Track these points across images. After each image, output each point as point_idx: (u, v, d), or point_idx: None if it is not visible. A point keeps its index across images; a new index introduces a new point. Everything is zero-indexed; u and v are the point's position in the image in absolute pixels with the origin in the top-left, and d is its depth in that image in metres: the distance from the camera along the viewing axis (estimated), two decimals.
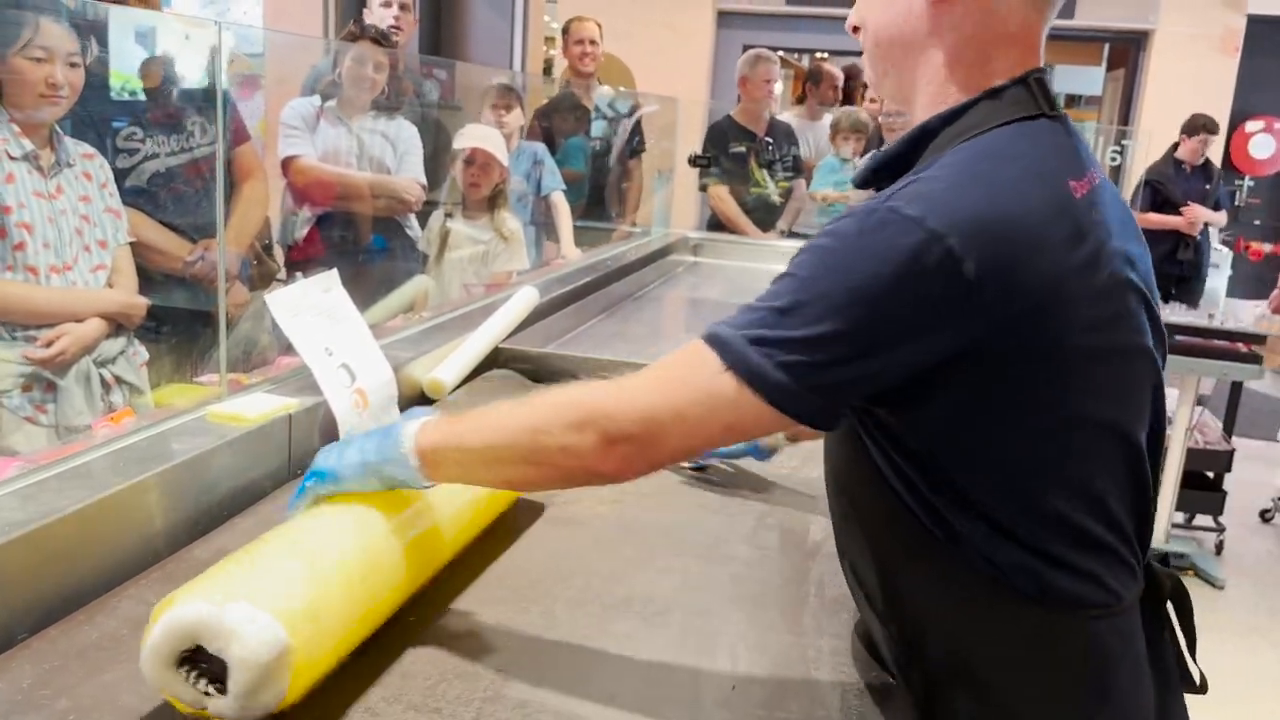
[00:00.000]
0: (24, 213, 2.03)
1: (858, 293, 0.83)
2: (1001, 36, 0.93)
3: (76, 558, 1.10)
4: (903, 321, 0.84)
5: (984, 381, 0.87)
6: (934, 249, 0.81)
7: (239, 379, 1.72)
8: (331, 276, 1.77)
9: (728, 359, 0.87)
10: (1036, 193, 0.86)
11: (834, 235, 0.87)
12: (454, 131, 3.48)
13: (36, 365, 2.02)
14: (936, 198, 0.84)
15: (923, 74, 0.97)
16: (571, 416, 0.92)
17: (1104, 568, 0.94)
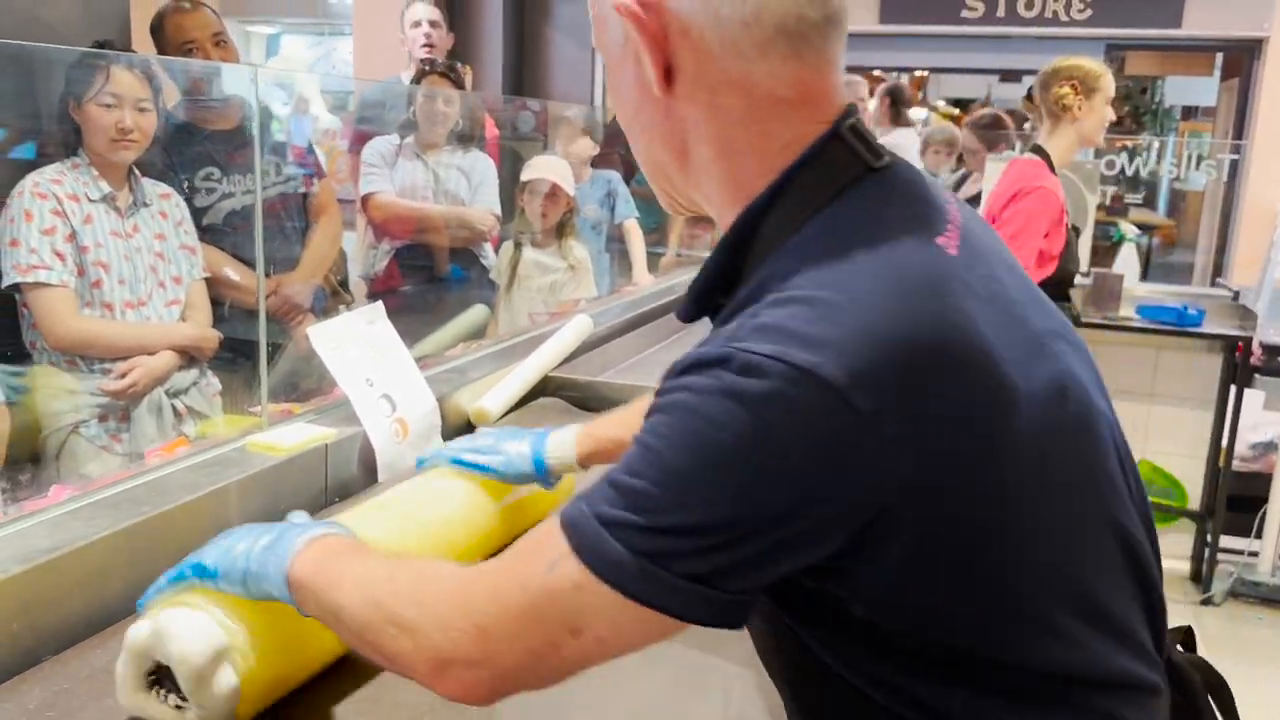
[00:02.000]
0: (101, 251, 2.14)
1: (722, 466, 0.65)
2: (773, 104, 0.75)
3: (100, 584, 1.14)
4: (797, 487, 0.65)
5: (922, 530, 0.68)
6: (815, 392, 0.64)
7: (291, 408, 1.78)
8: (377, 309, 1.82)
9: (578, 546, 0.70)
10: (910, 278, 0.69)
11: (682, 392, 0.68)
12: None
13: (110, 396, 2.11)
14: (792, 326, 0.66)
15: (704, 173, 0.80)
16: (408, 623, 0.76)
17: (1121, 699, 0.75)
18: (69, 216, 2.09)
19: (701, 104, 0.76)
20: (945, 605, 0.71)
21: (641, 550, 0.67)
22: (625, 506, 0.68)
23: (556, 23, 5.17)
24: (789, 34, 0.74)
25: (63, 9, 2.49)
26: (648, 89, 0.77)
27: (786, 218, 0.74)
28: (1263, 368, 3.58)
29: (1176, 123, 11.04)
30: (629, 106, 0.82)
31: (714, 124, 0.77)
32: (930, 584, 0.70)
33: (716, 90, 0.75)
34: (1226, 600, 3.85)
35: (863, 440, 0.64)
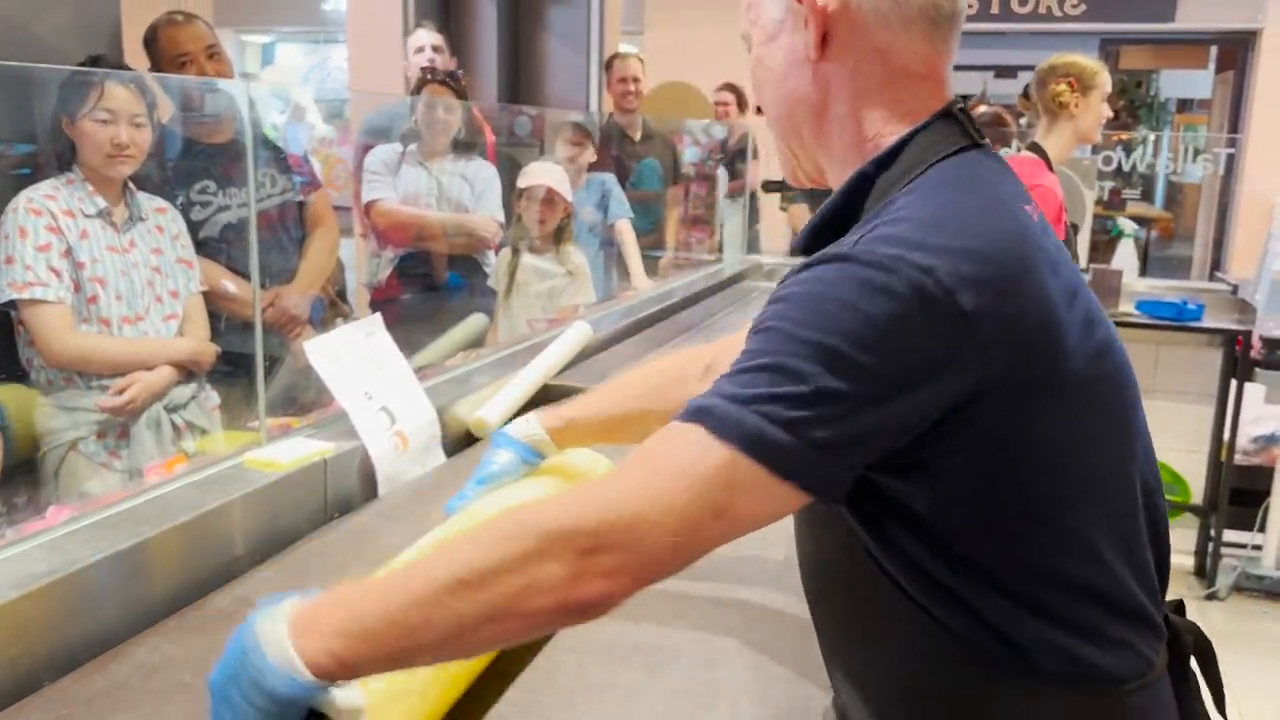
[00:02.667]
0: (97, 267, 2.13)
1: (850, 339, 0.74)
2: (908, 74, 0.89)
3: (99, 607, 1.14)
4: (908, 368, 0.75)
5: (992, 425, 0.79)
6: (924, 285, 0.75)
7: (290, 423, 1.77)
8: (374, 321, 1.82)
9: (716, 427, 0.75)
10: (1005, 221, 0.82)
11: (810, 281, 0.78)
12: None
13: (108, 413, 2.11)
14: (910, 236, 0.77)
15: (835, 132, 0.92)
16: (526, 545, 0.75)
17: (1135, 633, 0.85)
18: (64, 232, 2.09)
19: (848, 67, 0.89)
20: (998, 508, 0.81)
21: (781, 421, 0.74)
22: (760, 384, 0.75)
23: (551, 28, 5.17)
24: (928, 17, 0.88)
25: (55, 23, 2.49)
26: (799, 57, 0.91)
27: (902, 170, 0.86)
28: (1263, 361, 3.57)
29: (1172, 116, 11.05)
30: (776, 76, 0.93)
31: (854, 85, 0.89)
32: (989, 484, 0.80)
33: (862, 56, 0.89)
34: (1231, 594, 3.84)
35: (962, 334, 0.75)
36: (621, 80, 4.51)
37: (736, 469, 0.74)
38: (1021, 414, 0.79)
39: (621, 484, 0.77)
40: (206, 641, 1.12)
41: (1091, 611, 0.83)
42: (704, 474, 0.75)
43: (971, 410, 0.77)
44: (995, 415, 0.78)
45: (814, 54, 0.89)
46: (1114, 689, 0.84)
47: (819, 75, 0.90)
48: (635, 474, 0.77)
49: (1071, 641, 0.82)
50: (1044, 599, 0.82)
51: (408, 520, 1.49)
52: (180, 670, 1.06)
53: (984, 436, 0.79)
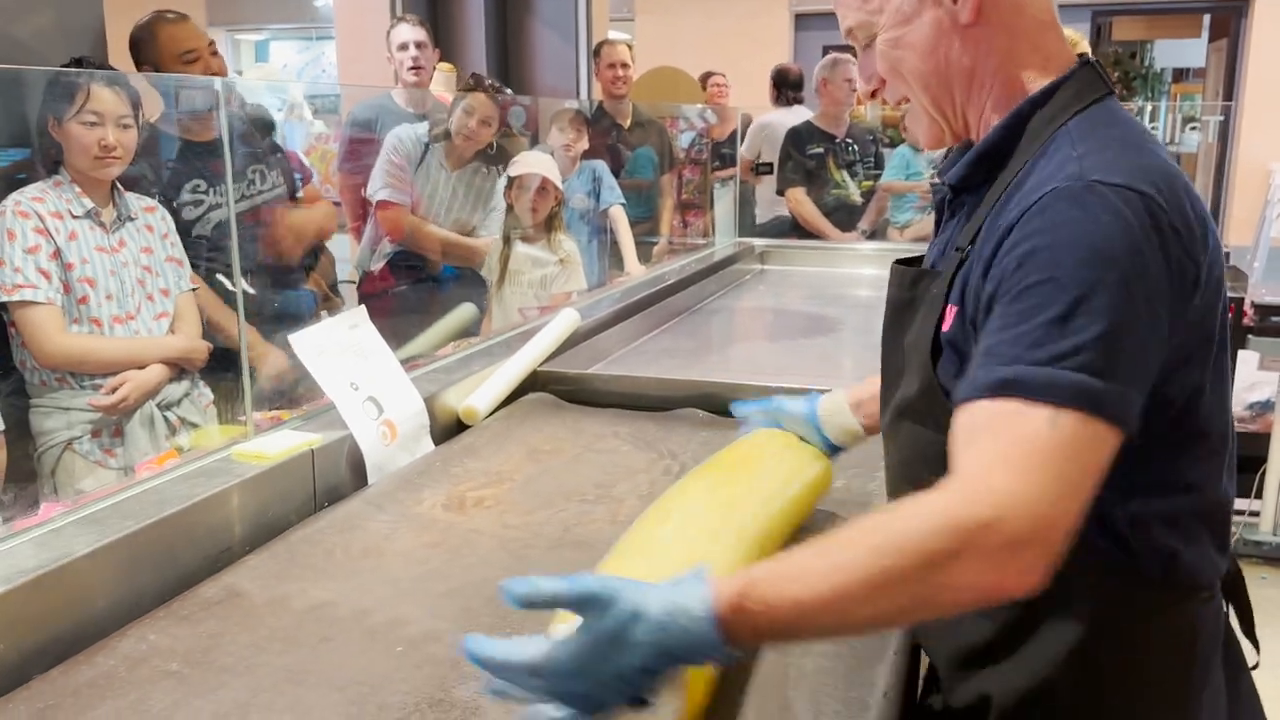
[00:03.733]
0: (87, 268, 2.15)
1: (1124, 270, 0.81)
2: (1039, 26, 0.98)
3: (87, 600, 1.16)
4: (1161, 281, 0.83)
5: (1190, 339, 0.89)
6: (1154, 211, 0.84)
7: (280, 415, 1.79)
8: (359, 313, 1.83)
9: (1046, 397, 0.79)
10: (1166, 155, 0.92)
11: (1057, 227, 0.84)
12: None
13: (102, 412, 2.13)
14: (1125, 166, 0.86)
15: (985, 86, 0.99)
16: (932, 540, 0.77)
17: (1213, 547, 0.96)
18: (53, 234, 2.11)
19: (995, 25, 0.96)
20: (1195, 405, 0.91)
21: (1088, 367, 0.79)
22: (1054, 340, 0.80)
23: (539, 16, 5.17)
24: None
25: (37, 25, 2.51)
26: (946, 28, 0.97)
27: (1055, 111, 0.95)
28: (1255, 328, 3.57)
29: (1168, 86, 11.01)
30: (922, 52, 0.99)
31: (1001, 42, 0.97)
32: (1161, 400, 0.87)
33: (1006, 13, 0.96)
34: None
35: (1183, 250, 0.85)
36: (610, 67, 4.51)
37: (1084, 430, 0.79)
38: (1195, 318, 0.89)
39: (1002, 480, 0.78)
40: (193, 631, 1.14)
41: (1195, 518, 0.94)
42: (1065, 446, 0.78)
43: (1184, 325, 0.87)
44: (1189, 327, 0.88)
45: (970, 18, 0.96)
46: (1193, 597, 0.95)
47: (969, 40, 0.97)
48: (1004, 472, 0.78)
49: (1179, 545, 0.93)
50: (1162, 503, 0.92)
51: (396, 508, 1.51)
52: (166, 660, 1.08)
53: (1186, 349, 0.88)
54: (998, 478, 0.78)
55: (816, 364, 2.64)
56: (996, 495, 0.77)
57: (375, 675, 1.06)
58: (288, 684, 1.04)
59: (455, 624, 1.16)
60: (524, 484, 1.63)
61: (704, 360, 2.66)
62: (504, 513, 1.52)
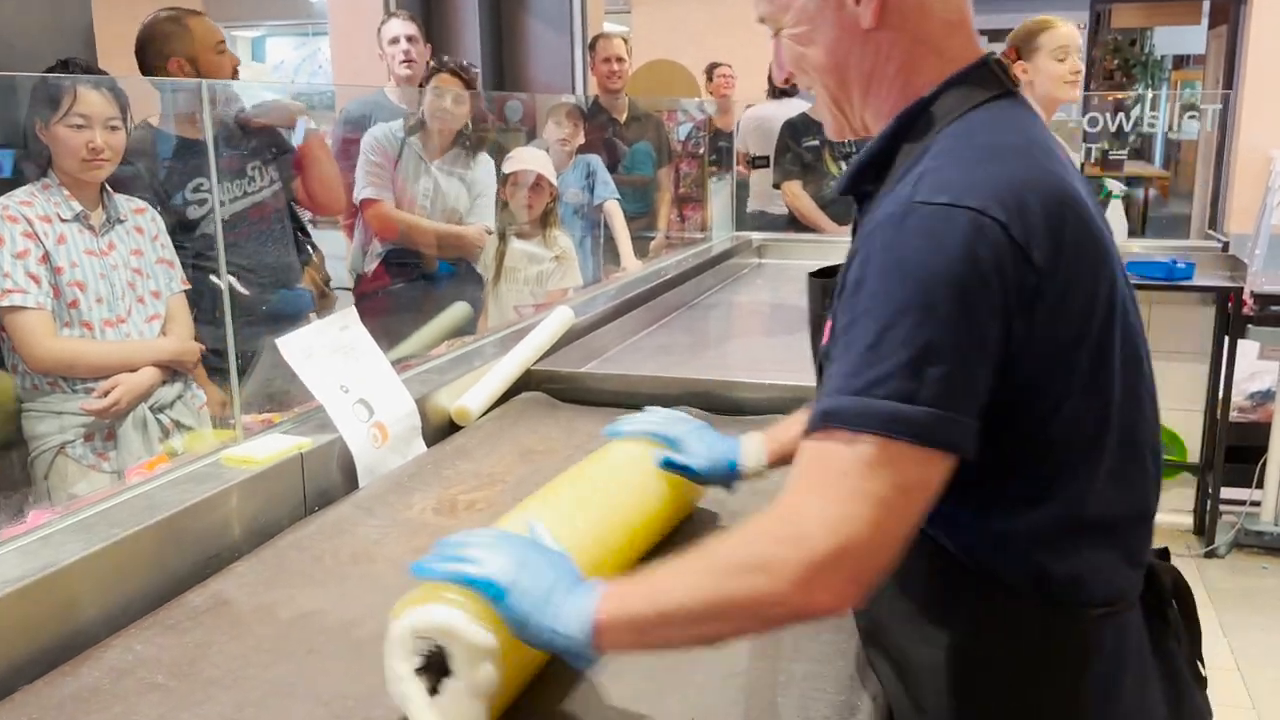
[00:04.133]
0: (76, 271, 2.14)
1: (937, 290, 0.80)
2: (946, 25, 0.96)
3: (73, 609, 1.15)
4: (986, 303, 0.81)
5: (1042, 350, 0.85)
6: (983, 225, 0.81)
7: (272, 418, 1.78)
8: (349, 314, 1.82)
9: (854, 424, 0.81)
10: (1046, 157, 0.89)
11: (877, 253, 0.84)
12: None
13: (93, 416, 2.12)
14: (959, 180, 0.84)
15: (884, 89, 0.98)
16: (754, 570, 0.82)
17: (1110, 563, 0.93)
18: (41, 238, 2.10)
19: (896, 28, 0.94)
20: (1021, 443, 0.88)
21: (895, 393, 0.80)
22: (869, 369, 0.81)
23: (534, 10, 5.14)
24: None
25: (25, 26, 2.49)
26: (849, 28, 0.96)
27: (944, 112, 0.93)
28: (1255, 317, 3.56)
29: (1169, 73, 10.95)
30: (825, 49, 0.98)
31: (903, 44, 0.95)
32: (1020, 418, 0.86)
33: (909, 15, 0.94)
34: (1231, 551, 3.85)
35: (1023, 265, 0.81)
36: (606, 61, 4.48)
37: (888, 453, 0.80)
38: (1063, 337, 0.85)
39: (813, 509, 0.82)
40: (179, 641, 1.13)
41: (1080, 536, 0.91)
42: (868, 471, 0.80)
43: (1035, 335, 0.84)
44: (1043, 338, 0.84)
45: (871, 22, 0.94)
46: (1082, 611, 0.91)
47: (869, 44, 0.96)
48: (814, 498, 0.82)
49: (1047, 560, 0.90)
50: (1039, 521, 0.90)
51: (386, 512, 1.50)
52: (152, 671, 1.07)
53: (1031, 362, 0.84)
54: (806, 503, 0.82)
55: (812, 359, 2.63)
56: (802, 520, 0.81)
57: (362, 688, 1.05)
58: (274, 697, 1.03)
59: None
60: (516, 485, 1.61)
61: (700, 357, 2.65)
62: (495, 515, 1.50)
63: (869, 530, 0.80)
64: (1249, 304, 3.57)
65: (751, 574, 0.82)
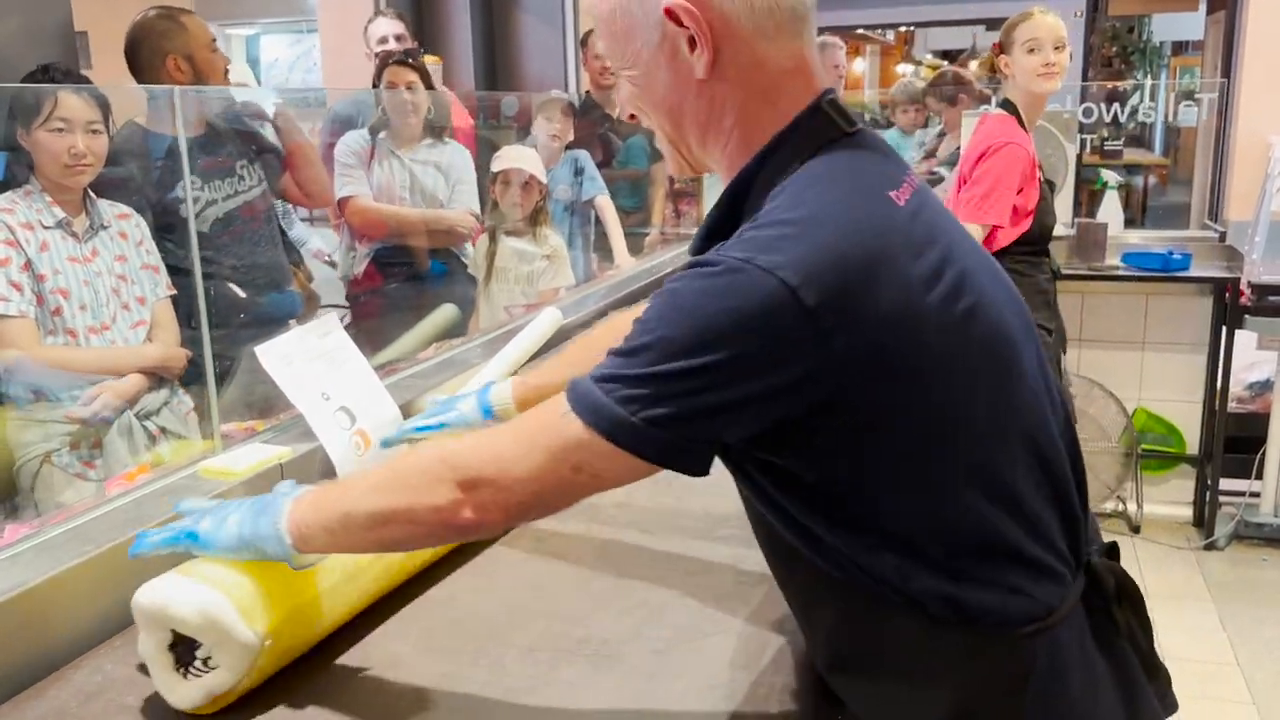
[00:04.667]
0: (59, 279, 2.13)
1: (698, 333, 0.83)
2: (780, 74, 0.94)
3: (44, 627, 1.13)
4: (746, 358, 0.83)
5: (851, 404, 0.85)
6: (771, 287, 0.81)
7: (255, 426, 1.77)
8: (330, 320, 1.80)
9: (572, 399, 0.88)
10: (864, 214, 0.87)
11: (678, 282, 0.87)
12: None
13: (78, 424, 2.11)
14: (766, 241, 0.85)
15: (721, 141, 0.97)
16: (432, 472, 0.94)
17: (1028, 579, 0.91)
18: (23, 246, 2.08)
19: (731, 81, 0.93)
20: (872, 475, 0.88)
21: (618, 398, 0.85)
22: (611, 366, 0.87)
23: (526, 6, 5.11)
24: (797, 16, 0.93)
25: (4, 30, 2.47)
26: (684, 77, 0.95)
27: (776, 170, 0.92)
28: (1252, 308, 3.53)
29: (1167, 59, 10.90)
30: (658, 96, 0.98)
31: (738, 97, 0.94)
32: (859, 456, 0.88)
33: (744, 68, 0.93)
34: (1231, 543, 3.83)
35: (806, 329, 0.82)
36: (598, 57, 4.45)
37: (586, 438, 0.87)
38: (881, 391, 0.86)
39: (502, 441, 0.93)
40: None
41: (977, 562, 0.90)
42: (560, 442, 0.88)
43: (826, 391, 0.84)
44: (853, 395, 0.85)
45: (704, 74, 0.93)
46: (1006, 632, 0.90)
47: (704, 93, 0.95)
48: (512, 434, 0.93)
49: (955, 589, 0.89)
50: (927, 552, 0.89)
51: None
52: (121, 692, 1.06)
53: (846, 413, 0.86)
54: (503, 440, 0.93)
55: None
56: (491, 451, 0.92)
57: (333, 703, 1.03)
58: (248, 717, 1.02)
59: (415, 645, 1.14)
60: None
61: None
62: None
63: (534, 481, 0.90)
64: (1246, 294, 3.55)
65: (422, 482, 0.94)
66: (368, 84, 3.71)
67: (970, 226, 2.74)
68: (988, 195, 2.73)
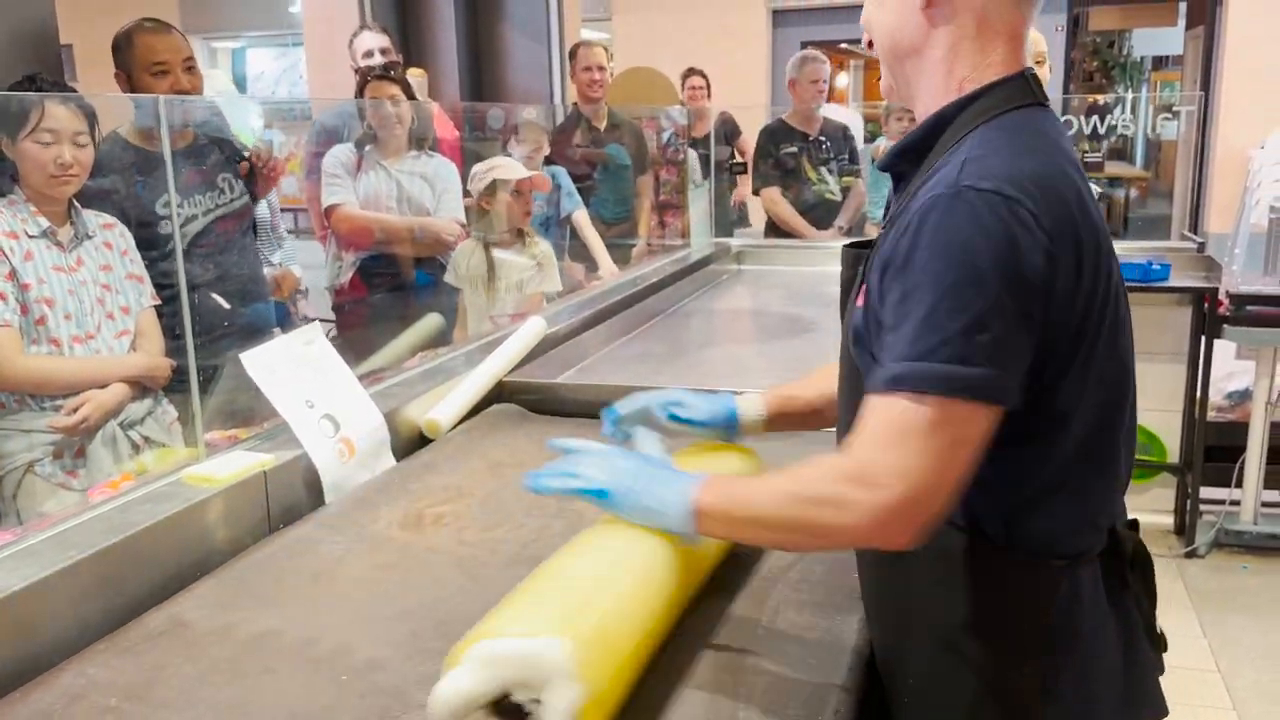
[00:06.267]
0: (44, 288, 2.12)
1: (983, 268, 0.92)
2: (994, 33, 1.05)
3: (28, 633, 1.14)
4: (1023, 278, 0.92)
5: (1076, 324, 0.97)
6: (1019, 212, 0.93)
7: (238, 434, 1.77)
8: (314, 329, 1.81)
9: (919, 387, 0.93)
10: (1067, 161, 1.01)
11: (929, 231, 0.95)
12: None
13: (62, 433, 2.10)
14: (1001, 171, 0.95)
15: (928, 70, 1.08)
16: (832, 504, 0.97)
17: (1082, 523, 1.05)
18: (8, 255, 2.08)
19: (948, 19, 1.05)
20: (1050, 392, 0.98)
21: (952, 356, 0.92)
22: (928, 337, 0.93)
23: (511, 19, 5.14)
24: None
25: None
26: (910, 6, 1.06)
27: (980, 112, 1.03)
28: (1230, 318, 3.57)
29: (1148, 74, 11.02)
30: (889, 19, 1.10)
31: (950, 36, 1.05)
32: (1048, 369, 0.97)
33: (960, 12, 1.05)
34: (1211, 551, 3.86)
35: (1044, 248, 0.93)
36: (586, 69, 4.48)
37: (951, 410, 0.93)
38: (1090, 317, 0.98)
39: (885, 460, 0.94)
40: (134, 664, 1.12)
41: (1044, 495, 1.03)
42: (931, 428, 0.93)
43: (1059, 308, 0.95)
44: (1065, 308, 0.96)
45: (924, 4, 1.05)
46: (1043, 562, 1.04)
47: (923, 24, 1.07)
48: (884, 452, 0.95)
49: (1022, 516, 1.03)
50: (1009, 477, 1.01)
51: (351, 529, 1.49)
52: (105, 695, 1.06)
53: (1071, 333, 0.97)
54: (877, 456, 0.95)
55: (792, 365, 2.62)
56: (876, 471, 0.94)
57: (317, 707, 1.04)
58: (228, 718, 1.02)
59: (400, 651, 1.14)
60: (484, 499, 1.61)
61: (676, 365, 2.64)
62: (462, 529, 1.50)
63: (932, 480, 0.93)
64: (1225, 304, 3.59)
65: (829, 507, 0.97)
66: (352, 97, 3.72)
67: None
68: None
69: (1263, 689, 3.07)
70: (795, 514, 1.01)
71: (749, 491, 1.07)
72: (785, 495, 1.02)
